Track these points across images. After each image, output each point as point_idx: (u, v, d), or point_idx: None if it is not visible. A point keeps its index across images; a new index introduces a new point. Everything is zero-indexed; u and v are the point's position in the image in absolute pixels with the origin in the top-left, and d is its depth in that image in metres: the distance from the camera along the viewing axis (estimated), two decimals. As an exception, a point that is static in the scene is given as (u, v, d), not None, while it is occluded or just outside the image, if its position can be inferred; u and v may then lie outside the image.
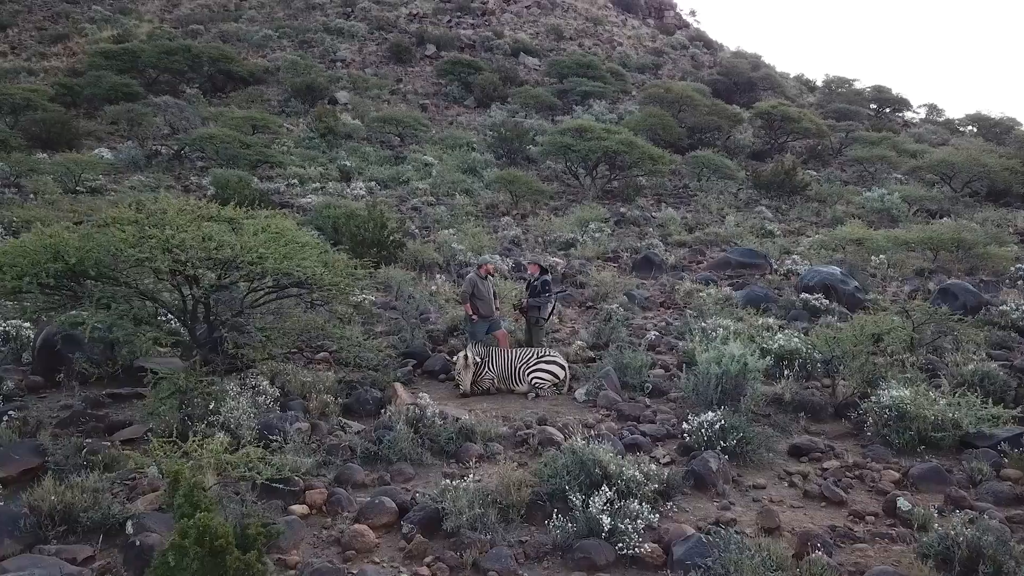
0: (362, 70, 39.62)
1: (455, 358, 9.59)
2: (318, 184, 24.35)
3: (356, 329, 11.94)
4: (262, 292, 9.01)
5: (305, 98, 35.05)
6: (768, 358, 8.86)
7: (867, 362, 8.67)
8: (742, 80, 40.49)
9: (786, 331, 10.61)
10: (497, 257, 16.63)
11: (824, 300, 13.46)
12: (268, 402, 8.10)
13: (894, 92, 42.25)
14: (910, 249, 17.80)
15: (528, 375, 9.48)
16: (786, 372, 9.13)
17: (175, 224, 8.17)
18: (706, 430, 7.33)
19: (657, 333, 12.14)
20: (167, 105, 29.55)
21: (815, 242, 18.29)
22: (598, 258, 17.68)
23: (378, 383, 9.41)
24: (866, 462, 7.33)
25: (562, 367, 9.57)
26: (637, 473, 6.09)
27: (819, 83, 48.23)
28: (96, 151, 26.65)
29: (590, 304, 14.29)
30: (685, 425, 7.60)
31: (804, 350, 9.85)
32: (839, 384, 9.06)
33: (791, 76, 48.66)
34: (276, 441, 6.76)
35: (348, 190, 23.41)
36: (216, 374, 8.52)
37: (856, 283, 14.43)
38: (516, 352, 9.77)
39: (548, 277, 10.49)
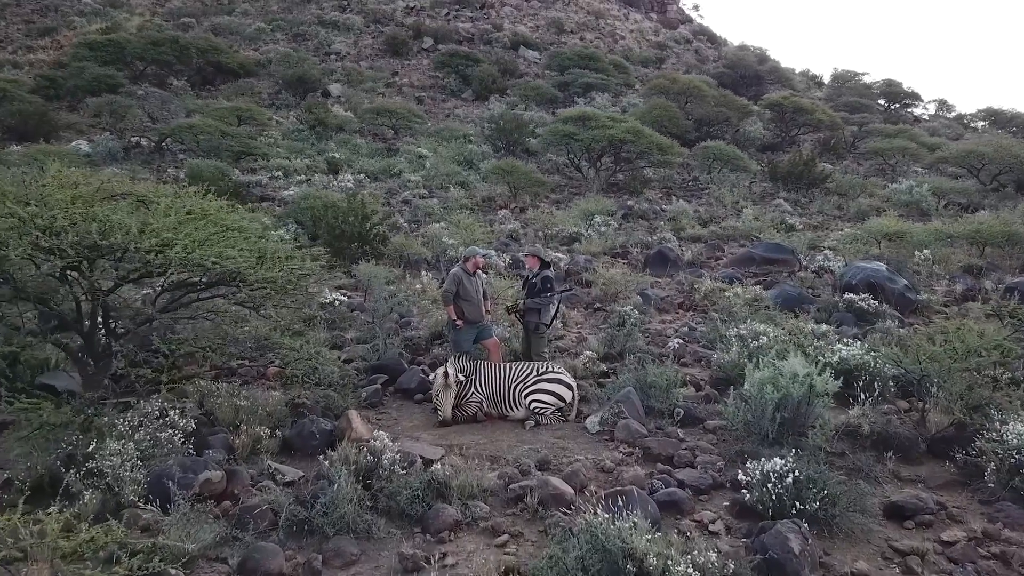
0: (357, 63, 37.35)
1: (432, 376, 7.32)
2: (304, 176, 22.17)
3: (320, 335, 9.78)
4: (183, 291, 6.79)
5: (296, 91, 32.86)
6: (835, 378, 6.57)
7: (973, 384, 6.39)
8: (749, 73, 38.12)
9: (846, 340, 8.34)
10: (492, 252, 14.37)
11: (872, 301, 11.19)
12: (178, 438, 5.85)
13: (905, 86, 39.88)
14: (950, 244, 15.51)
15: (526, 397, 7.22)
16: (861, 395, 6.83)
17: (52, 201, 5.95)
18: (774, 485, 5.06)
19: (681, 340, 9.87)
20: (147, 95, 27.32)
21: (845, 236, 16.01)
22: (605, 254, 15.43)
23: (333, 408, 7.17)
24: (999, 530, 5.06)
25: (569, 386, 7.31)
26: (690, 569, 3.83)
27: (826, 79, 45.89)
28: (74, 144, 24.60)
29: (598, 305, 12.04)
30: (741, 476, 5.34)
31: (872, 364, 7.59)
32: (929, 411, 6.77)
33: (796, 71, 46.35)
34: (150, 511, 4.50)
35: (335, 182, 21.20)
36: (114, 399, 6.28)
37: (905, 281, 12.16)
38: (511, 367, 7.50)
39: (550, 273, 8.18)
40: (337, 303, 10.83)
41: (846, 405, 7.13)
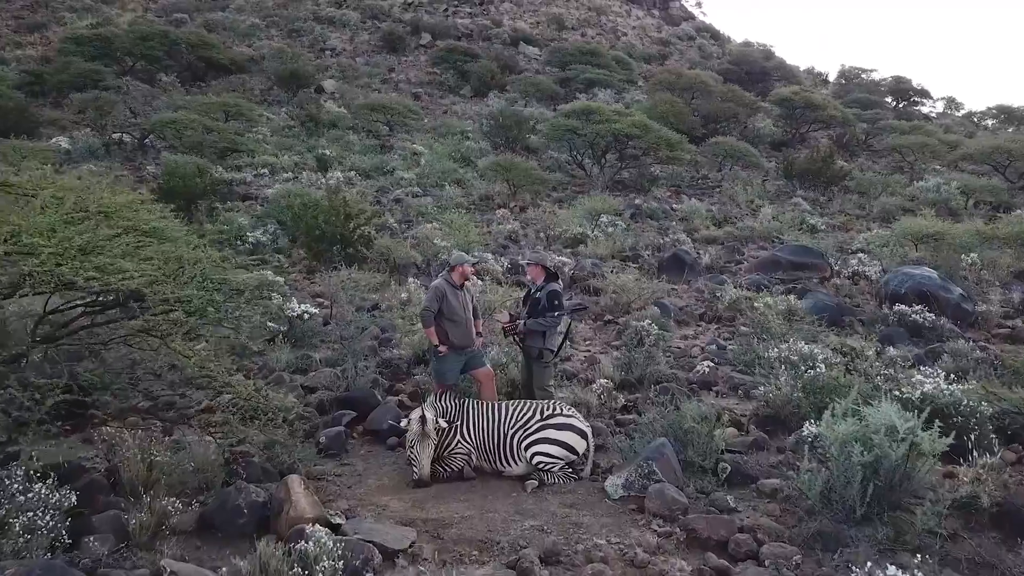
0: (353, 59, 35.58)
1: (405, 421, 5.54)
2: (291, 174, 20.44)
3: (282, 355, 8.04)
4: (79, 313, 5.05)
5: (289, 87, 31.10)
6: (938, 433, 4.79)
7: None
8: (754, 70, 36.29)
9: (925, 369, 6.57)
10: (489, 255, 12.63)
11: (928, 314, 9.43)
12: (47, 522, 4.10)
13: (914, 83, 38.10)
14: (992, 247, 13.74)
15: (527, 449, 5.46)
16: (973, 452, 5.07)
17: None
18: (899, 615, 3.30)
19: (710, 363, 8.11)
20: (128, 89, 25.61)
21: (877, 238, 14.25)
22: (613, 257, 13.68)
23: (277, 463, 5.42)
24: None
25: (581, 434, 5.54)
26: None
27: (831, 77, 44.11)
28: (54, 140, 22.97)
29: (609, 317, 10.29)
30: (843, 592, 3.58)
31: (965, 403, 5.84)
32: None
33: (801, 69, 44.52)
34: None
35: (324, 180, 19.46)
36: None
37: (960, 290, 10.41)
38: (507, 409, 5.73)
39: (557, 286, 6.36)
40: (307, 316, 9.07)
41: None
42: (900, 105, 38.94)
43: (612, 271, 12.24)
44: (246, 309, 5.03)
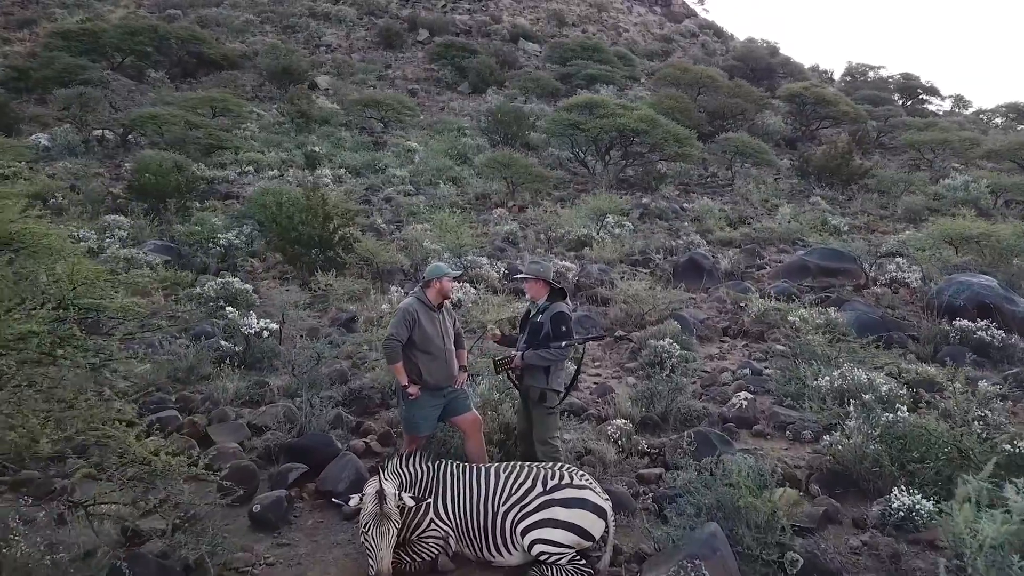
0: (348, 56, 34.01)
1: (356, 498, 3.96)
2: (277, 171, 18.91)
3: (228, 384, 6.51)
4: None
5: (282, 83, 29.54)
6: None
7: None
8: (760, 66, 34.68)
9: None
10: (484, 259, 11.07)
11: (997, 331, 7.88)
12: None
13: (923, 80, 36.51)
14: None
15: (524, 534, 3.90)
16: None
17: None
18: None
19: (747, 393, 6.55)
20: (109, 83, 24.09)
21: (911, 240, 12.69)
22: (621, 261, 12.13)
23: (179, 556, 3.88)
24: None
25: (598, 511, 3.96)
26: None
27: (836, 75, 42.47)
28: (33, 137, 21.52)
29: (621, 333, 8.72)
30: None
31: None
32: None
33: (806, 67, 42.83)
34: None
35: (311, 178, 17.93)
36: None
37: (1025, 301, 8.87)
38: (498, 475, 4.16)
39: (566, 307, 4.74)
40: (267, 333, 7.53)
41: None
42: (908, 103, 37.40)
43: (622, 277, 10.69)
44: (119, 350, 3.47)
